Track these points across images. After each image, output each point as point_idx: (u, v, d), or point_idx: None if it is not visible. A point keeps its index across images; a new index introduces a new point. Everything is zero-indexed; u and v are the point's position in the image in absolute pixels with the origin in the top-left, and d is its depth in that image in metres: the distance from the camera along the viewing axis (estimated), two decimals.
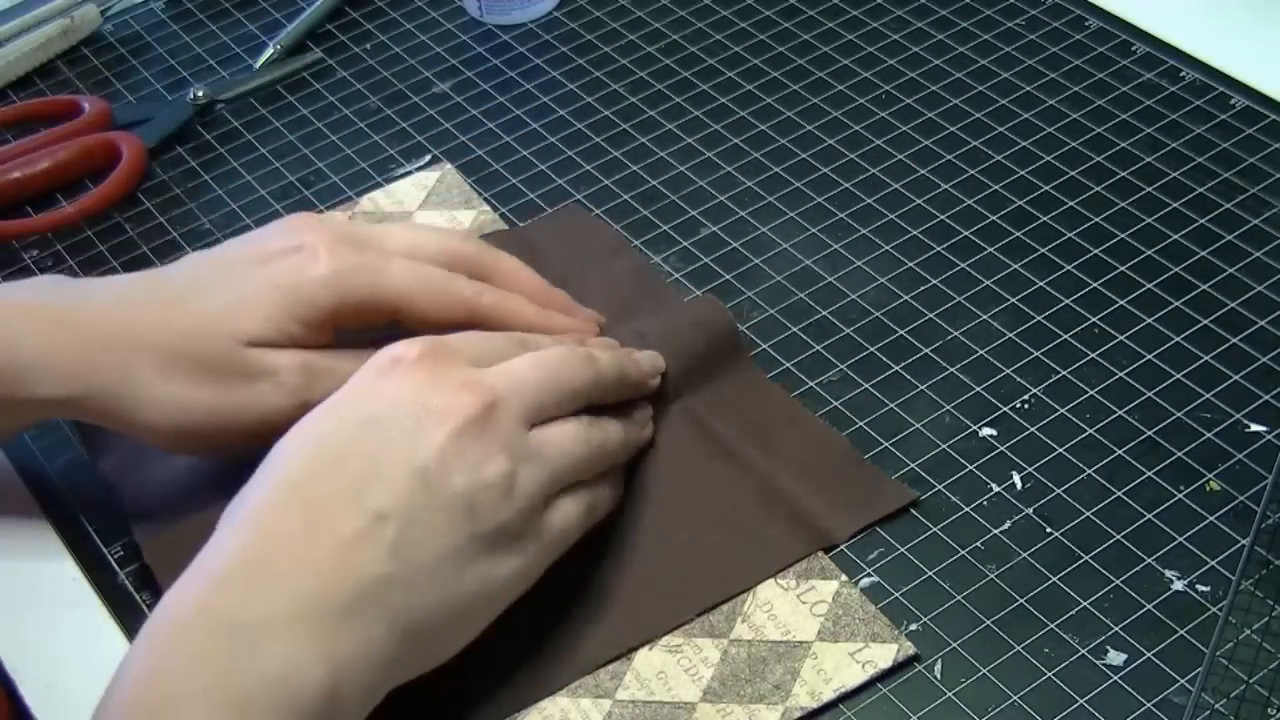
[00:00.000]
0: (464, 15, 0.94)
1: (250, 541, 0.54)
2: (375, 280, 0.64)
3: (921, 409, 0.68)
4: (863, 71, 0.86)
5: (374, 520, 0.54)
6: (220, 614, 0.52)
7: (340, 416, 0.57)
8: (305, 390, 0.63)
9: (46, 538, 0.68)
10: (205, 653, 0.51)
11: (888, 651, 0.59)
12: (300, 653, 0.51)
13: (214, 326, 0.63)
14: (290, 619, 0.52)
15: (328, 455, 0.56)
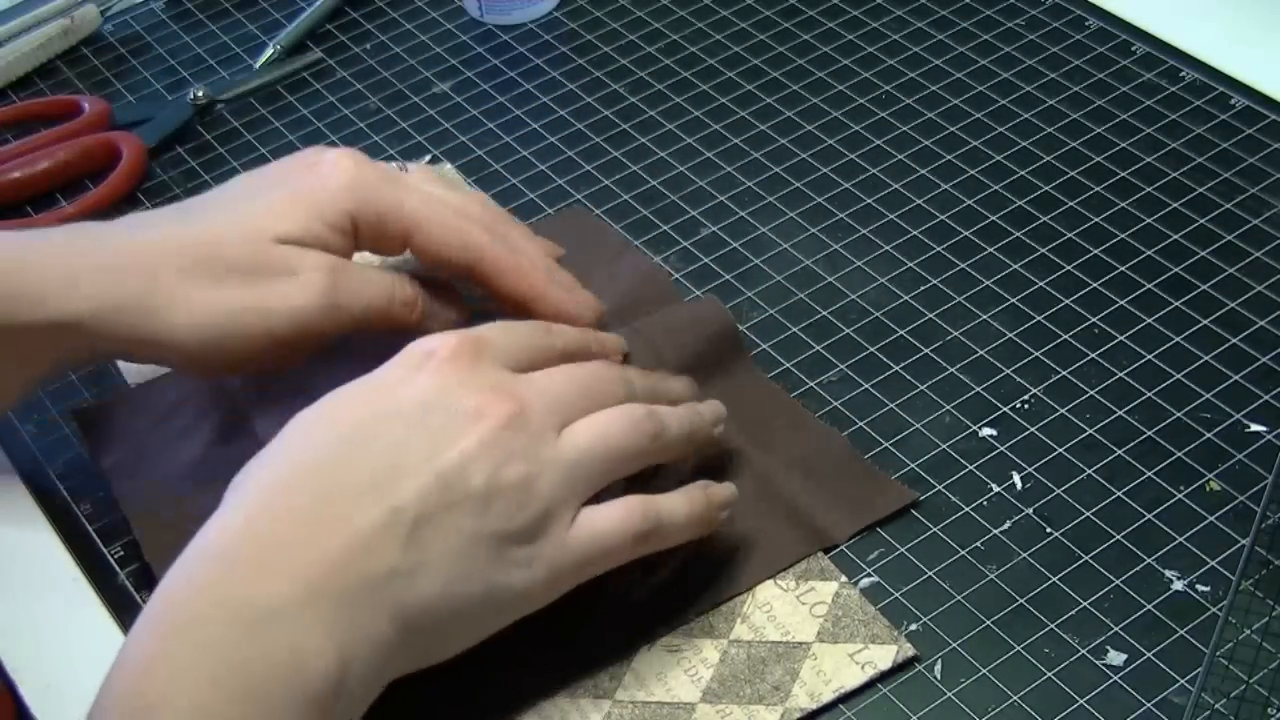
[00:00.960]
0: (464, 15, 0.94)
1: (258, 519, 0.53)
2: (394, 197, 0.65)
3: (921, 409, 0.68)
4: (863, 72, 0.86)
5: (389, 514, 0.54)
6: (227, 596, 0.51)
7: (366, 404, 0.57)
8: (332, 291, 0.63)
9: (46, 538, 0.68)
10: (211, 637, 0.51)
11: (887, 653, 0.59)
12: (308, 639, 0.51)
13: (239, 228, 0.63)
14: (299, 604, 0.51)
15: (348, 443, 0.55)
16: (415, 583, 0.54)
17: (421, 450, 0.55)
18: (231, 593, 0.51)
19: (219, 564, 0.52)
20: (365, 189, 0.65)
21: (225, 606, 0.51)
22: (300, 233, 0.63)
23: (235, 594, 0.51)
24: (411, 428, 0.55)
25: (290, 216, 0.64)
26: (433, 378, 0.57)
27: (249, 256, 0.63)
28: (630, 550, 0.58)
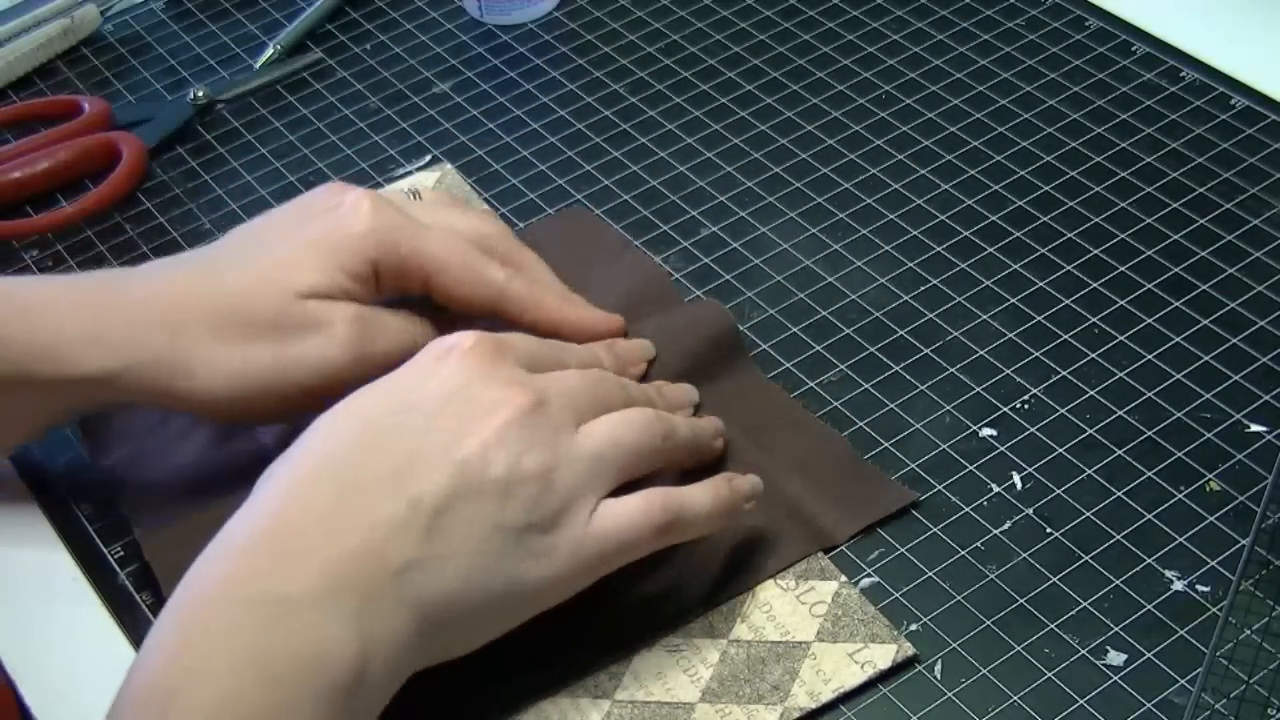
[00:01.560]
0: (464, 15, 0.94)
1: (281, 513, 0.54)
2: (414, 240, 0.65)
3: (921, 409, 0.68)
4: (863, 72, 0.86)
5: (410, 506, 0.54)
6: (249, 587, 0.52)
7: (389, 399, 0.57)
8: (360, 342, 0.64)
9: (46, 538, 0.68)
10: (233, 627, 0.51)
11: (887, 652, 0.59)
12: (330, 630, 0.51)
13: (264, 283, 0.63)
14: (320, 595, 0.52)
15: (370, 436, 0.55)
16: (435, 574, 0.54)
17: (441, 440, 0.55)
18: (253, 585, 0.52)
19: (241, 558, 0.53)
20: (386, 234, 0.65)
21: (247, 598, 0.51)
22: (325, 285, 0.64)
23: (256, 586, 0.52)
24: (432, 419, 0.56)
25: (313, 268, 0.64)
26: (454, 370, 0.57)
27: (275, 313, 0.63)
28: (651, 542, 0.58)
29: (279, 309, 0.63)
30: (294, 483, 0.55)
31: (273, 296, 0.63)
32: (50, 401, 0.64)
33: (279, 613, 0.51)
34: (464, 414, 0.56)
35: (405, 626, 0.53)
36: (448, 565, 0.54)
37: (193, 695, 0.49)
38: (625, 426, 0.59)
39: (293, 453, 0.56)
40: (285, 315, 0.63)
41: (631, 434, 0.59)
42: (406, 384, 0.58)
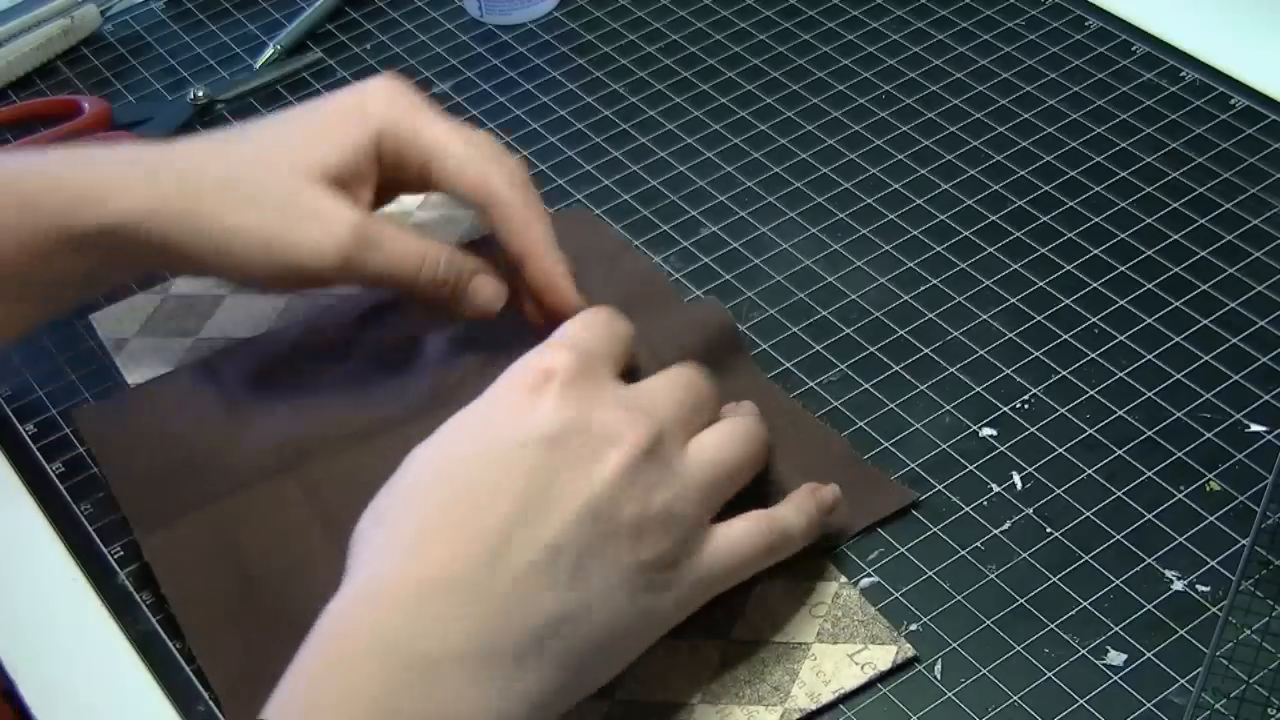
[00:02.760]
0: (464, 15, 0.94)
1: (420, 567, 0.52)
2: (414, 124, 0.66)
3: (921, 409, 0.68)
4: (863, 72, 0.86)
5: (547, 554, 0.53)
6: (398, 643, 0.51)
7: (494, 433, 0.55)
8: (353, 250, 0.64)
9: (46, 538, 0.68)
10: (385, 682, 0.50)
11: (887, 653, 0.59)
12: (476, 691, 0.51)
13: (276, 158, 0.65)
14: (467, 657, 0.51)
15: (488, 478, 0.54)
16: (579, 623, 0.53)
17: (569, 483, 0.54)
18: (401, 640, 0.51)
19: (387, 608, 0.51)
20: (390, 112, 0.66)
21: (392, 653, 0.50)
22: (335, 163, 0.65)
23: (405, 642, 0.51)
24: (550, 455, 0.54)
25: (322, 146, 0.66)
26: (559, 403, 0.55)
27: (282, 191, 0.65)
28: (760, 564, 0.58)
29: (288, 188, 0.65)
30: (426, 528, 0.53)
31: (284, 173, 0.65)
32: (88, 253, 0.66)
33: (426, 673, 0.50)
34: (583, 450, 0.54)
35: (550, 681, 0.53)
36: (590, 614, 0.53)
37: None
38: (731, 445, 0.58)
39: (404, 494, 0.55)
40: (291, 195, 0.64)
41: (736, 452, 0.58)
42: (508, 416, 0.55)
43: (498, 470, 0.54)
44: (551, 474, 0.54)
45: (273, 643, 0.60)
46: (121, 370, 0.74)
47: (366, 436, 0.66)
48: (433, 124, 0.67)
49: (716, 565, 0.57)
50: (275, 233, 0.64)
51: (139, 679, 0.62)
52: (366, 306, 0.74)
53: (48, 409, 0.73)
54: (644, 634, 0.56)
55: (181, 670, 0.62)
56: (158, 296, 0.77)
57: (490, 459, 0.54)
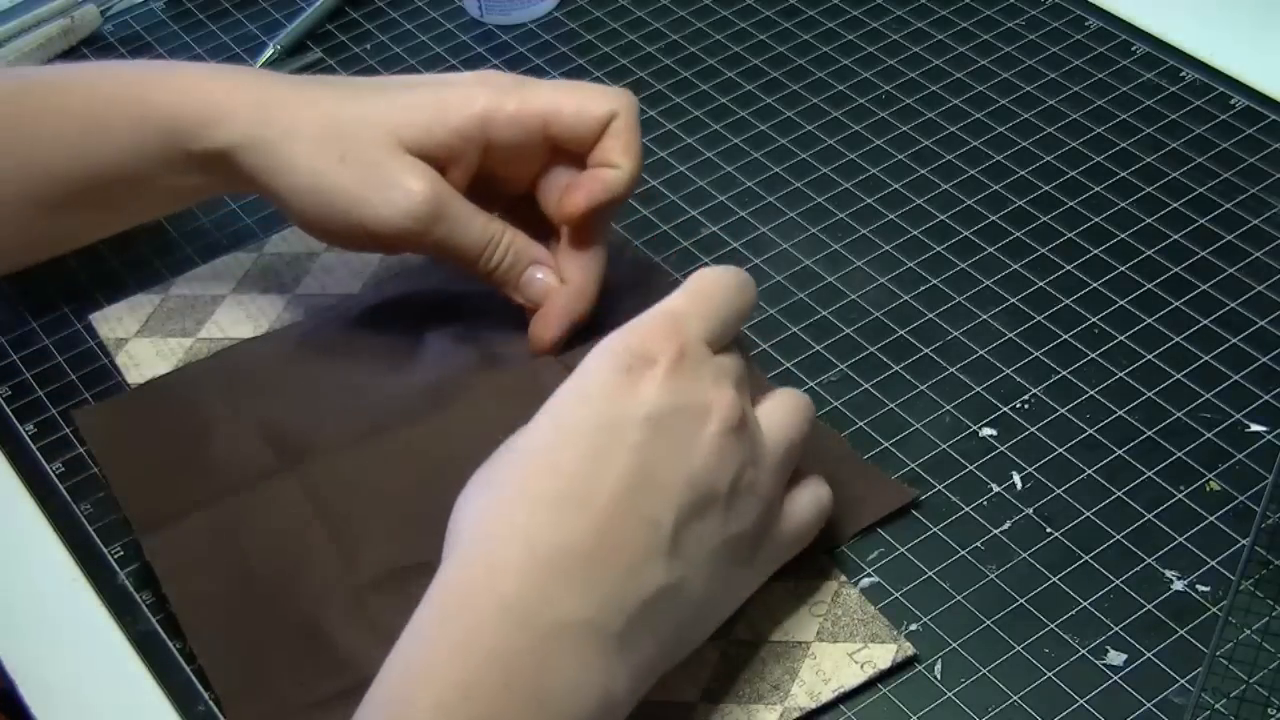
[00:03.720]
0: (464, 15, 0.94)
1: (536, 534, 0.53)
2: (533, 86, 0.67)
3: (921, 409, 0.68)
4: (863, 72, 0.86)
5: (652, 528, 0.54)
6: (519, 610, 0.51)
7: (599, 413, 0.55)
8: (424, 222, 0.66)
9: (46, 538, 0.68)
10: (510, 647, 0.51)
11: (886, 652, 0.59)
12: (586, 663, 0.52)
13: (372, 116, 0.67)
14: (581, 628, 0.52)
15: (594, 455, 0.54)
16: (680, 597, 0.54)
17: (668, 458, 0.54)
18: (525, 609, 0.51)
19: (510, 577, 0.52)
20: (496, 96, 0.67)
21: (523, 621, 0.51)
22: (428, 137, 0.66)
23: (529, 611, 0.51)
24: (652, 434, 0.54)
25: (422, 120, 0.66)
26: (660, 389, 0.55)
27: (372, 154, 0.66)
28: (816, 532, 0.61)
29: (375, 152, 0.66)
30: (538, 501, 0.54)
31: (378, 137, 0.66)
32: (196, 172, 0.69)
33: (544, 641, 0.51)
34: (683, 427, 0.55)
35: (650, 655, 0.54)
36: (688, 587, 0.54)
37: (460, 708, 0.50)
38: (795, 416, 0.59)
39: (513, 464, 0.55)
40: (375, 159, 0.66)
41: (802, 425, 0.60)
42: (608, 400, 0.55)
43: (603, 447, 0.54)
44: (653, 451, 0.54)
45: (273, 643, 0.61)
46: (121, 370, 0.74)
47: (367, 436, 0.66)
48: (540, 86, 0.68)
49: (789, 535, 0.59)
50: (355, 192, 0.66)
51: (139, 679, 0.62)
52: (367, 306, 0.74)
53: (48, 409, 0.73)
54: (728, 605, 0.58)
55: (181, 670, 0.62)
56: (158, 296, 0.77)
57: (595, 436, 0.55)
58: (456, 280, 0.73)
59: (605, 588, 0.53)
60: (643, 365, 0.56)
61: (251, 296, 0.76)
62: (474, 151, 0.67)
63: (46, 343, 0.76)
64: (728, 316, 0.59)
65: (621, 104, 0.67)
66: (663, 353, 0.56)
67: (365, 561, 0.62)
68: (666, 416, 0.55)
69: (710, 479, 0.55)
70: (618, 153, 0.67)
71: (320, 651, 0.60)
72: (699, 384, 0.56)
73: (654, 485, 0.54)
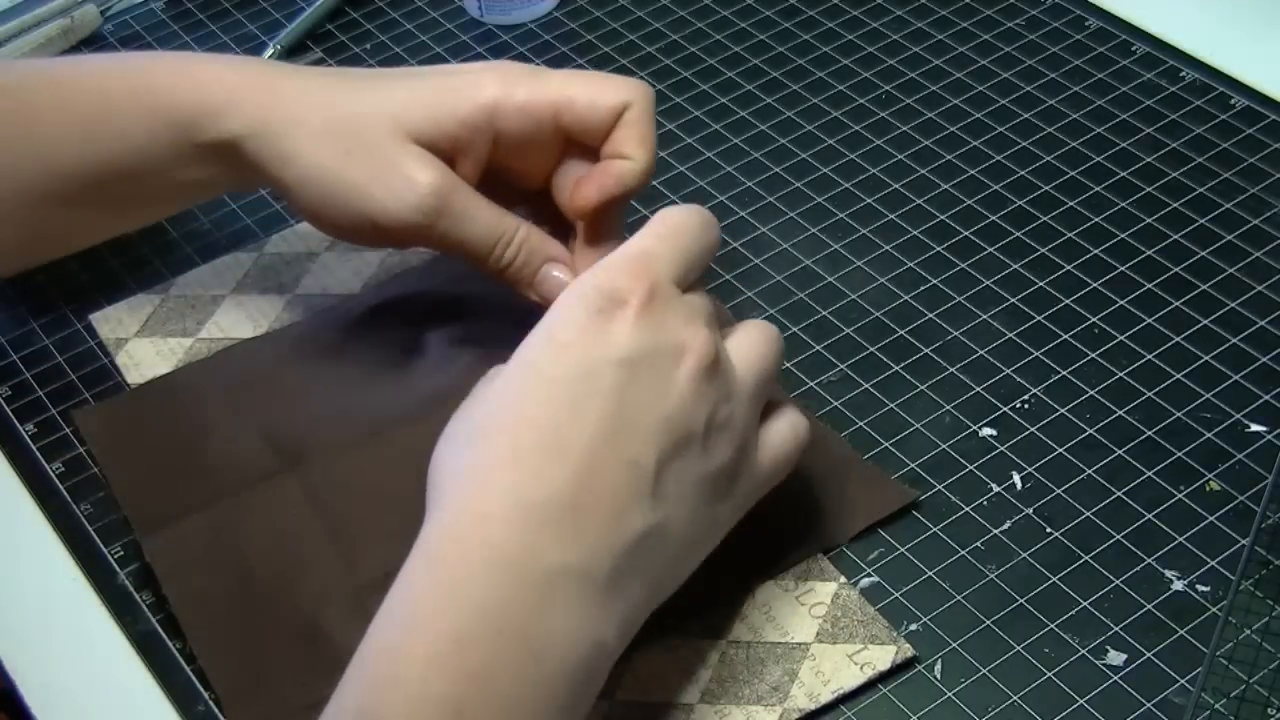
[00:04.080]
0: (464, 15, 0.94)
1: (521, 484, 0.53)
2: (543, 76, 0.66)
3: (921, 409, 0.68)
4: (863, 71, 0.86)
5: (631, 471, 0.54)
6: (513, 561, 0.51)
7: (571, 358, 0.55)
8: (432, 215, 0.65)
9: (46, 538, 0.68)
10: (500, 597, 0.51)
11: (886, 653, 0.59)
12: (583, 609, 0.52)
13: (380, 112, 0.66)
14: (571, 576, 0.52)
15: (569, 396, 0.54)
16: (663, 539, 0.54)
17: (644, 400, 0.54)
18: (512, 556, 0.51)
19: (495, 524, 0.52)
20: (505, 86, 0.66)
21: (512, 568, 0.51)
22: (436, 128, 0.65)
23: (520, 558, 0.51)
24: (627, 376, 0.54)
25: (428, 111, 0.65)
26: (633, 329, 0.55)
27: (379, 146, 0.65)
28: (793, 464, 0.60)
29: (382, 144, 0.65)
30: (519, 449, 0.53)
31: (385, 129, 0.65)
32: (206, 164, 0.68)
33: (534, 590, 0.51)
34: (657, 367, 0.55)
35: (637, 599, 0.54)
36: (671, 527, 0.55)
37: (452, 658, 0.49)
38: (765, 347, 0.59)
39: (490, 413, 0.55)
40: (382, 151, 0.65)
41: (772, 354, 0.59)
42: (583, 342, 0.55)
43: (580, 394, 0.54)
44: (629, 394, 0.54)
45: (273, 643, 0.61)
46: (121, 370, 0.74)
47: (366, 437, 0.66)
48: (551, 76, 0.67)
49: (766, 467, 0.59)
50: (361, 184, 0.65)
51: (139, 679, 0.62)
52: (367, 307, 0.74)
53: (48, 409, 0.73)
54: (708, 543, 0.58)
55: (181, 670, 0.62)
56: (158, 296, 0.77)
57: (571, 384, 0.54)
58: (457, 281, 0.73)
59: (592, 534, 0.52)
60: (613, 306, 0.55)
61: (251, 297, 0.76)
62: (483, 142, 0.66)
63: (46, 343, 0.76)
64: (694, 255, 0.59)
65: (636, 94, 0.65)
66: (633, 293, 0.55)
67: (365, 562, 0.62)
68: (641, 358, 0.55)
69: (687, 418, 0.55)
70: (631, 144, 0.65)
71: (319, 652, 0.60)
72: (671, 323, 0.56)
73: (632, 428, 0.54)
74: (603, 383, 0.54)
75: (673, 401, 0.55)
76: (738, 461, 0.57)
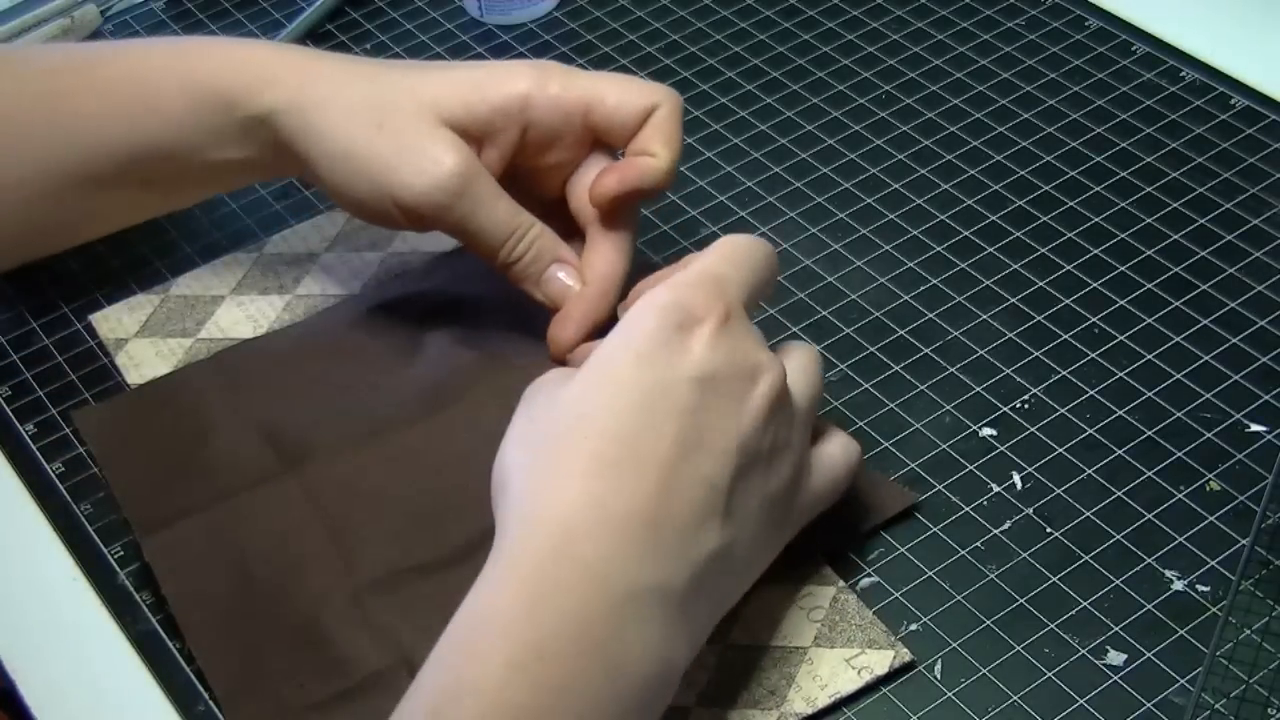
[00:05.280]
0: (464, 15, 0.94)
1: (605, 496, 0.52)
2: (576, 73, 0.67)
3: (921, 409, 0.68)
4: (863, 71, 0.86)
5: (707, 489, 0.54)
6: (600, 576, 0.51)
7: (648, 372, 0.54)
8: (452, 198, 0.65)
9: (46, 538, 0.68)
10: (585, 611, 0.51)
11: (884, 658, 0.59)
12: (659, 627, 0.52)
13: (413, 88, 0.66)
14: (648, 594, 0.52)
15: (647, 410, 0.54)
16: (730, 558, 0.55)
17: (721, 421, 0.55)
18: (593, 572, 0.51)
19: (580, 538, 0.52)
20: (539, 79, 0.66)
21: (596, 583, 0.51)
22: (467, 113, 0.66)
23: (597, 574, 0.51)
24: (704, 394, 0.54)
25: (460, 96, 0.66)
26: (709, 347, 0.55)
27: (407, 126, 0.66)
28: (846, 486, 0.61)
29: (413, 124, 0.65)
30: (599, 460, 0.53)
31: (414, 109, 0.66)
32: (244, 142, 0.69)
33: (625, 604, 0.51)
34: (732, 387, 0.55)
35: (706, 616, 0.55)
36: (737, 548, 0.55)
37: (533, 669, 0.49)
38: (814, 372, 0.60)
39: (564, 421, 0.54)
40: (411, 131, 0.65)
41: (819, 380, 0.60)
42: (657, 357, 0.55)
43: (658, 409, 0.54)
44: (705, 412, 0.54)
45: (271, 644, 0.61)
46: (121, 370, 0.74)
47: (366, 437, 0.66)
48: (583, 74, 0.67)
49: (818, 490, 0.60)
50: (387, 160, 0.65)
51: (139, 679, 0.62)
52: (366, 307, 0.74)
53: (48, 409, 0.73)
54: (763, 565, 0.58)
55: (181, 670, 0.62)
56: (158, 296, 0.77)
57: (648, 394, 0.54)
58: (456, 282, 0.73)
59: (669, 552, 0.53)
60: (691, 323, 0.55)
61: (251, 297, 0.76)
62: (513, 131, 0.66)
63: (46, 343, 0.76)
64: (758, 284, 0.59)
65: (665, 97, 0.66)
66: (711, 311, 0.56)
67: (364, 563, 0.62)
68: (717, 378, 0.55)
69: (758, 440, 0.55)
70: (657, 143, 0.66)
71: (319, 653, 0.60)
72: (745, 346, 0.56)
73: (708, 447, 0.54)
74: (680, 399, 0.54)
75: (746, 422, 0.55)
76: (795, 483, 0.58)
